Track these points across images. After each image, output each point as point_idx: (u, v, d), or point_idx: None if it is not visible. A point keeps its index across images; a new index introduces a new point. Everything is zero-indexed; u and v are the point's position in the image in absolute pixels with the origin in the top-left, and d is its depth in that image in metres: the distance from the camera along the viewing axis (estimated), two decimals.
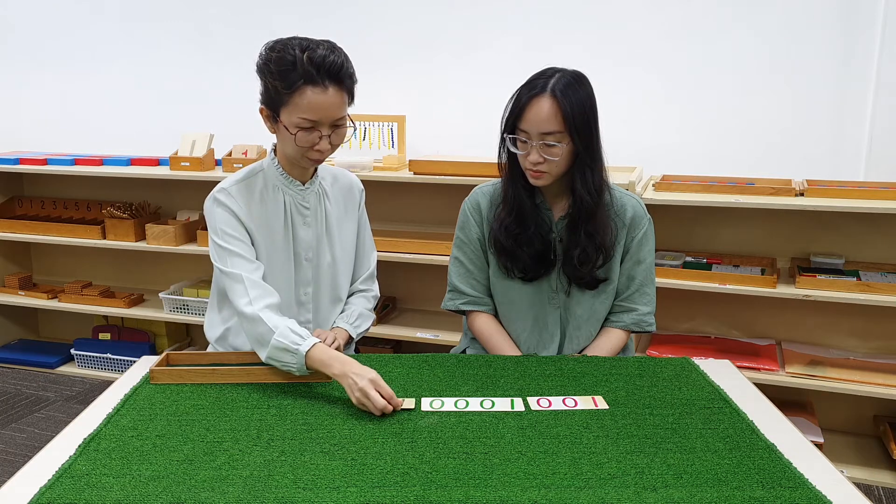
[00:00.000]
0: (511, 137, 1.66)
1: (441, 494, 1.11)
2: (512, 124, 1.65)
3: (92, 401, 1.48)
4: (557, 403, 1.45)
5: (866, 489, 2.45)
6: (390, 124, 3.02)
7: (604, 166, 1.70)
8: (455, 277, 1.87)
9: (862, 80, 2.65)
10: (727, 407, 1.44)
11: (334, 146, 1.62)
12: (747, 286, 2.49)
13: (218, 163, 3.21)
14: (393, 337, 3.00)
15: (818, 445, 2.11)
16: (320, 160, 1.66)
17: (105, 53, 3.58)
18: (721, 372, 1.63)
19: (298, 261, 1.76)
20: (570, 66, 1.66)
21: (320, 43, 1.55)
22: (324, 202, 1.79)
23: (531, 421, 1.37)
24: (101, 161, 3.33)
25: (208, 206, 1.69)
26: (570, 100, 1.58)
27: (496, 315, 1.88)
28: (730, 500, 1.10)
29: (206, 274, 3.42)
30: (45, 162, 3.36)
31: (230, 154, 3.13)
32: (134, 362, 1.71)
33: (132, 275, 3.67)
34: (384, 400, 1.39)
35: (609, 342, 1.82)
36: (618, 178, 2.21)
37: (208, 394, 1.49)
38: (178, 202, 3.49)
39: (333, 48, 1.56)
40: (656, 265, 2.39)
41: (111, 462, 1.21)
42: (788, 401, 2.70)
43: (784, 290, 2.47)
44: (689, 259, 2.73)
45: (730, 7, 2.75)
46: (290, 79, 1.52)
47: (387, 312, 3.16)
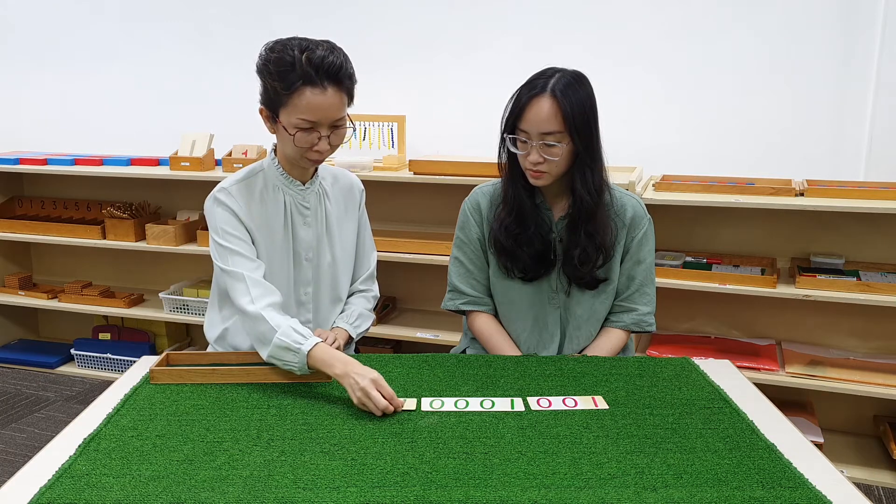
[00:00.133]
0: (511, 137, 1.66)
1: (441, 494, 1.11)
2: (512, 124, 1.65)
3: (92, 401, 1.48)
4: (557, 403, 1.45)
5: (866, 489, 2.45)
6: (390, 124, 3.02)
7: (604, 166, 1.70)
8: (455, 277, 1.87)
9: (862, 80, 2.65)
10: (727, 407, 1.44)
11: (334, 147, 1.62)
12: (747, 286, 2.49)
13: (218, 163, 3.21)
14: (393, 337, 3.00)
15: (818, 445, 2.11)
16: (320, 160, 1.66)
17: (105, 53, 3.58)
18: (721, 372, 1.63)
19: (298, 260, 1.76)
20: (570, 66, 1.66)
21: (320, 43, 1.55)
22: (324, 202, 1.79)
23: (531, 421, 1.37)
24: (101, 161, 3.33)
25: (209, 206, 1.69)
26: (570, 100, 1.58)
27: (496, 315, 1.88)
28: (730, 500, 1.10)
29: (206, 274, 3.42)
30: (45, 162, 3.36)
31: (230, 154, 3.13)
32: (134, 362, 1.71)
33: (132, 275, 3.67)
34: (385, 400, 1.39)
35: (609, 342, 1.82)
36: (618, 178, 2.21)
37: (208, 394, 1.49)
38: (178, 202, 3.49)
39: (333, 49, 1.56)
40: (656, 265, 2.39)
41: (111, 462, 1.21)
42: (788, 401, 2.70)
43: (784, 290, 2.47)
44: (689, 259, 2.73)
45: (730, 7, 2.75)
46: (289, 79, 1.52)
47: (387, 312, 3.16)
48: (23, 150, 3.78)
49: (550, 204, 1.76)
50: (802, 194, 2.54)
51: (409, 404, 1.44)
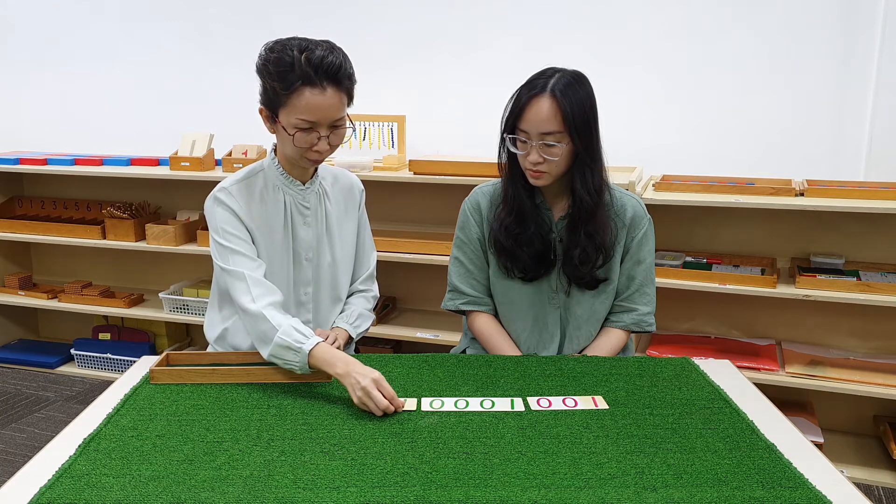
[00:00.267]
0: (511, 137, 1.66)
1: (441, 494, 1.11)
2: (512, 124, 1.65)
3: (92, 401, 1.48)
4: (557, 403, 1.45)
5: (866, 489, 2.45)
6: (390, 124, 3.02)
7: (604, 166, 1.70)
8: (455, 277, 1.87)
9: (862, 80, 2.65)
10: (727, 407, 1.44)
11: (333, 147, 1.62)
12: (747, 286, 2.49)
13: (218, 163, 3.21)
14: (393, 337, 3.00)
15: (818, 445, 2.11)
16: (319, 161, 1.66)
17: (105, 53, 3.58)
18: (721, 372, 1.63)
19: (298, 260, 1.76)
20: (570, 66, 1.66)
21: (319, 43, 1.55)
22: (324, 202, 1.79)
23: (531, 421, 1.37)
24: (101, 161, 3.33)
25: (209, 206, 1.69)
26: (570, 100, 1.58)
27: (496, 315, 1.88)
28: (730, 500, 1.10)
29: (206, 274, 3.42)
30: (45, 162, 3.36)
31: (230, 154, 3.13)
32: (134, 362, 1.71)
33: (132, 275, 3.67)
34: (386, 400, 1.39)
35: (609, 342, 1.82)
36: (618, 178, 2.21)
37: (208, 394, 1.49)
38: (178, 202, 3.49)
39: (332, 49, 1.56)
40: (656, 265, 2.39)
41: (111, 462, 1.21)
42: (788, 401, 2.70)
43: (784, 290, 2.47)
44: (689, 259, 2.73)
45: (730, 7, 2.75)
46: (288, 80, 1.52)
47: (387, 312, 3.16)
48: (23, 150, 3.78)
49: (550, 204, 1.76)
50: (802, 194, 2.54)
51: (410, 404, 1.44)
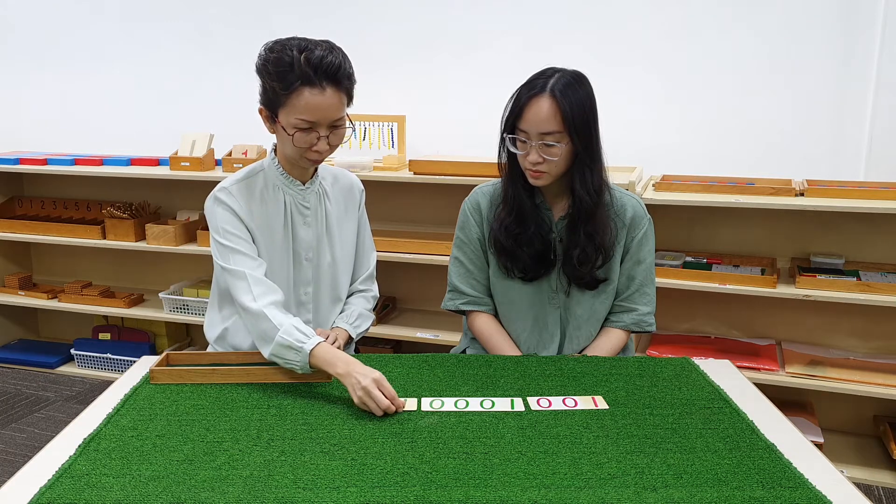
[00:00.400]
0: (511, 137, 1.66)
1: (441, 494, 1.11)
2: (511, 124, 1.65)
3: (92, 401, 1.48)
4: (557, 403, 1.45)
5: (866, 489, 2.45)
6: (390, 124, 3.02)
7: (603, 166, 1.70)
8: (455, 277, 1.87)
9: (862, 80, 2.65)
10: (727, 407, 1.44)
11: (333, 147, 1.62)
12: (747, 286, 2.49)
13: (218, 163, 3.21)
14: (393, 337, 3.00)
15: (818, 445, 2.11)
16: (319, 161, 1.66)
17: (105, 53, 3.58)
18: (721, 372, 1.63)
19: (298, 260, 1.77)
20: (570, 66, 1.66)
21: (319, 43, 1.55)
22: (324, 202, 1.79)
23: (531, 421, 1.37)
24: (101, 161, 3.33)
25: (209, 206, 1.69)
26: (570, 100, 1.58)
27: (496, 315, 1.88)
28: (730, 500, 1.10)
29: (206, 274, 3.42)
30: (45, 162, 3.36)
31: (230, 154, 3.13)
32: (134, 362, 1.71)
33: (132, 275, 3.67)
34: (387, 400, 1.39)
35: (609, 342, 1.82)
36: (618, 178, 2.21)
37: (208, 394, 1.49)
38: (178, 202, 3.49)
39: (332, 49, 1.56)
40: (656, 265, 2.39)
41: (111, 462, 1.21)
42: (788, 401, 2.70)
43: (784, 290, 2.47)
44: (689, 259, 2.73)
45: (730, 7, 2.75)
46: (288, 80, 1.52)
47: (387, 312, 3.16)
48: (23, 150, 3.78)
49: (550, 204, 1.76)
50: (802, 194, 2.54)
51: (410, 404, 1.44)
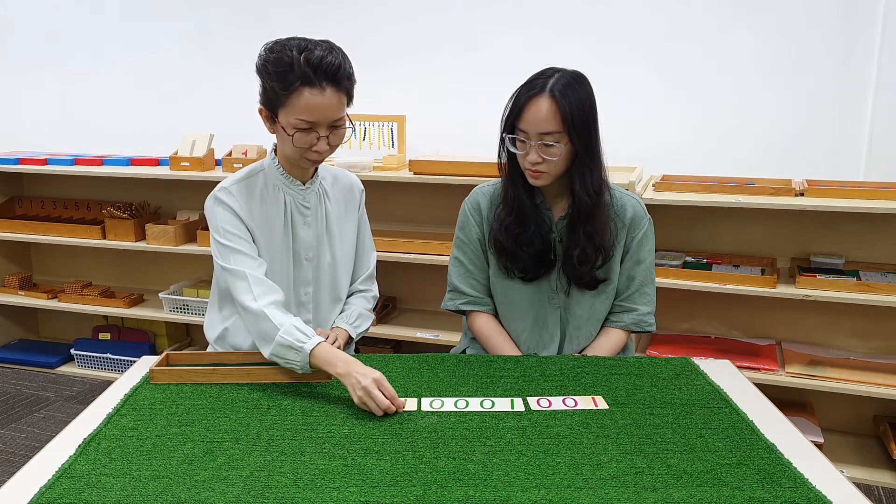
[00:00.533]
0: (510, 137, 1.66)
1: (441, 494, 1.11)
2: (511, 124, 1.65)
3: (92, 401, 1.48)
4: (557, 403, 1.45)
5: (866, 489, 2.45)
6: (390, 124, 3.02)
7: (603, 166, 1.70)
8: (455, 277, 1.87)
9: (862, 80, 2.65)
10: (727, 407, 1.44)
11: (333, 147, 1.62)
12: (747, 286, 2.49)
13: (218, 163, 3.21)
14: (393, 337, 3.00)
15: (818, 445, 2.11)
16: (319, 161, 1.66)
17: (105, 53, 3.58)
18: (721, 372, 1.63)
19: (298, 260, 1.77)
20: (570, 66, 1.66)
21: (318, 43, 1.55)
22: (324, 202, 1.79)
23: (531, 421, 1.37)
24: (101, 161, 3.33)
25: (209, 206, 1.69)
26: (569, 100, 1.58)
27: (496, 315, 1.88)
28: (730, 500, 1.10)
29: (206, 274, 3.42)
30: (45, 162, 3.36)
31: (230, 154, 3.13)
32: (134, 362, 1.71)
33: (132, 275, 3.67)
34: (387, 400, 1.39)
35: (609, 342, 1.82)
36: (618, 178, 2.21)
37: (208, 394, 1.49)
38: (178, 202, 3.49)
39: (332, 49, 1.56)
40: (656, 265, 2.39)
41: (111, 462, 1.21)
42: (788, 401, 2.70)
43: (784, 290, 2.47)
44: (689, 259, 2.73)
45: (730, 7, 2.75)
46: (288, 80, 1.52)
47: (387, 312, 3.16)
48: (23, 150, 3.78)
49: (550, 204, 1.76)
50: (802, 194, 2.54)
51: (410, 404, 1.44)
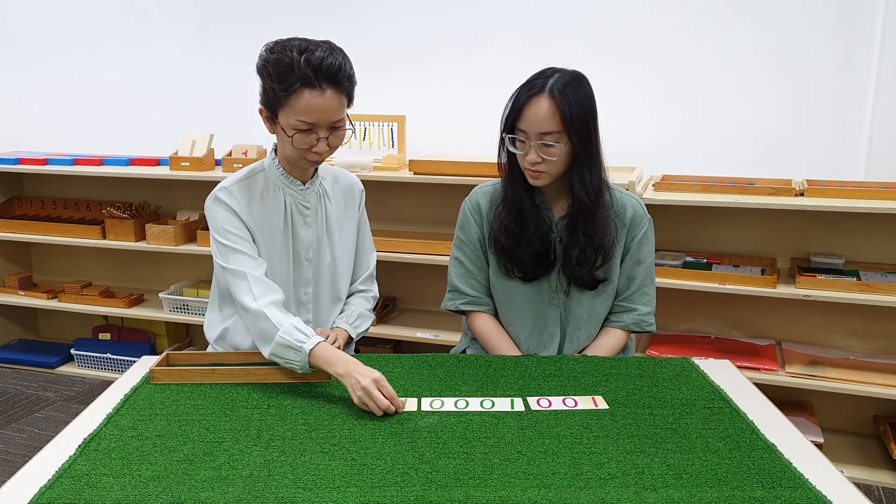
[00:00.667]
0: (510, 137, 1.66)
1: (441, 494, 1.11)
2: (511, 124, 1.65)
3: (92, 401, 1.48)
4: (557, 403, 1.45)
5: (866, 489, 2.45)
6: (390, 124, 3.02)
7: (603, 167, 1.69)
8: (455, 277, 1.87)
9: (862, 80, 2.65)
10: (727, 407, 1.44)
11: (332, 148, 1.62)
12: (747, 286, 2.49)
13: (218, 163, 3.21)
14: (393, 337, 3.00)
15: (818, 445, 2.11)
16: (318, 161, 1.66)
17: (105, 53, 3.58)
18: (721, 372, 1.63)
19: (298, 260, 1.77)
20: (570, 66, 1.66)
21: (319, 44, 1.55)
22: (324, 202, 1.79)
23: (531, 421, 1.37)
24: (101, 161, 3.33)
25: (209, 205, 1.69)
26: (569, 100, 1.58)
27: (496, 315, 1.88)
28: (730, 500, 1.10)
29: (206, 274, 3.42)
30: (45, 162, 3.36)
31: (230, 154, 3.13)
32: (134, 362, 1.71)
33: (132, 275, 3.67)
34: (387, 400, 1.39)
35: (609, 342, 1.82)
36: (618, 178, 2.21)
37: (208, 394, 1.49)
38: (178, 202, 3.49)
39: (332, 49, 1.56)
40: (656, 265, 2.39)
41: (111, 462, 1.21)
42: (788, 401, 2.70)
43: (784, 290, 2.47)
44: (689, 259, 2.73)
45: (730, 7, 2.75)
46: (288, 81, 1.52)
47: (387, 312, 3.16)
48: (23, 150, 3.78)
49: (551, 204, 1.76)
50: (802, 194, 2.54)
51: (410, 404, 1.44)
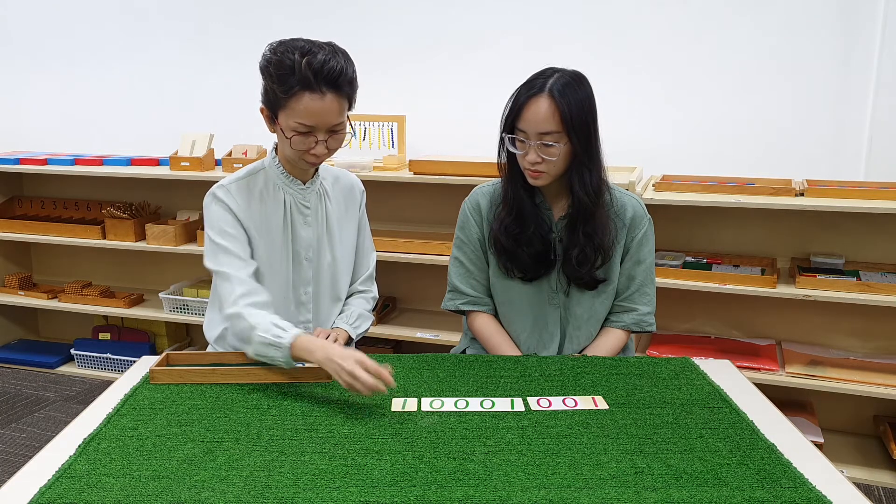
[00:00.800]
0: (510, 137, 1.66)
1: (441, 494, 1.11)
2: (511, 124, 1.65)
3: (92, 401, 1.48)
4: (557, 403, 1.45)
5: (866, 489, 2.45)
6: (390, 124, 3.02)
7: (603, 167, 1.69)
8: (455, 277, 1.87)
9: (862, 80, 2.65)
10: (727, 407, 1.44)
11: (331, 150, 1.62)
12: (747, 286, 2.49)
13: (218, 163, 3.21)
14: (393, 337, 3.00)
15: (818, 445, 2.11)
16: (317, 163, 1.66)
17: (105, 53, 3.58)
18: (721, 372, 1.63)
19: (298, 260, 1.77)
20: (570, 67, 1.66)
21: (322, 47, 1.55)
22: (324, 201, 1.79)
23: (531, 421, 1.37)
24: (101, 161, 3.33)
25: (207, 203, 1.70)
26: (569, 100, 1.58)
27: (496, 315, 1.88)
28: (730, 500, 1.10)
29: (206, 274, 3.38)
30: (45, 162, 3.36)
31: (230, 154, 3.13)
32: (134, 362, 1.71)
33: (132, 275, 3.67)
34: (373, 379, 1.38)
35: (609, 342, 1.82)
36: (618, 178, 2.21)
37: (208, 394, 1.49)
38: (178, 202, 3.49)
39: (335, 53, 1.55)
40: (656, 265, 2.39)
41: (111, 462, 1.21)
42: (788, 401, 2.70)
43: (784, 290, 2.47)
44: (689, 259, 2.73)
45: (729, 7, 2.75)
46: (288, 83, 1.52)
47: (387, 312, 3.16)
48: (23, 150, 3.78)
49: (551, 204, 1.76)
50: (802, 194, 2.54)
51: (410, 404, 1.44)
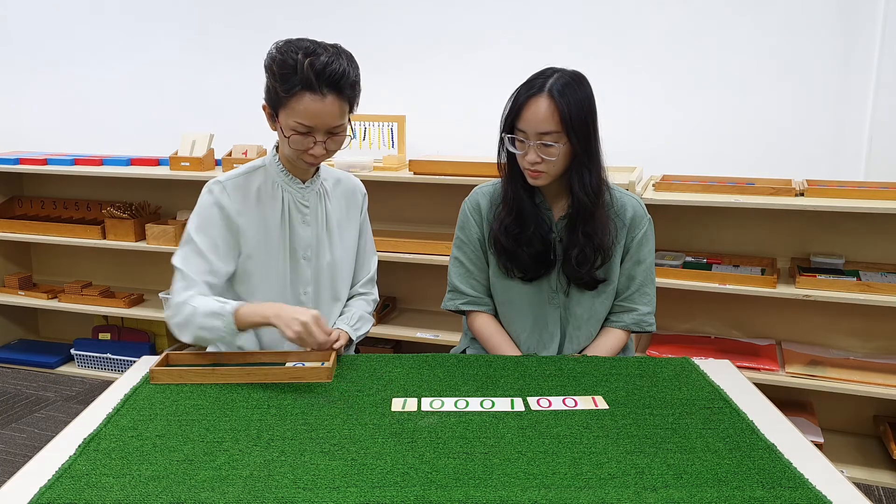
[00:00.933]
0: (509, 137, 1.66)
1: (441, 494, 1.11)
2: (510, 124, 1.65)
3: (92, 401, 1.48)
4: (557, 403, 1.45)
5: (866, 489, 2.45)
6: (390, 124, 3.02)
7: (603, 167, 1.69)
8: (455, 277, 1.87)
9: (862, 80, 2.65)
10: (727, 407, 1.44)
11: (330, 152, 1.63)
12: (747, 286, 2.49)
13: (218, 163, 3.21)
14: (393, 337, 3.00)
15: (818, 445, 2.11)
16: (315, 164, 1.66)
17: (105, 53, 3.58)
18: (721, 372, 1.63)
19: (296, 258, 1.76)
20: (570, 67, 1.66)
21: (327, 48, 1.55)
22: (324, 201, 1.79)
23: (531, 421, 1.37)
24: (101, 161, 3.33)
25: (201, 194, 1.71)
26: (568, 100, 1.58)
27: (496, 315, 1.88)
28: (730, 500, 1.10)
29: None
30: (45, 162, 3.36)
31: (230, 154, 3.13)
32: (134, 362, 1.71)
33: (132, 275, 3.67)
34: (325, 335, 1.42)
35: (609, 342, 1.82)
36: (618, 178, 2.21)
37: (208, 394, 1.49)
38: (178, 202, 3.49)
39: (339, 55, 1.55)
40: (656, 265, 2.39)
41: (111, 462, 1.21)
42: (788, 401, 2.70)
43: (784, 290, 2.47)
44: (689, 259, 2.73)
45: (730, 7, 2.75)
46: (290, 83, 1.53)
47: (387, 312, 3.16)
48: (23, 150, 3.78)
49: (550, 204, 1.76)
50: (802, 194, 2.54)
51: (410, 404, 1.44)
